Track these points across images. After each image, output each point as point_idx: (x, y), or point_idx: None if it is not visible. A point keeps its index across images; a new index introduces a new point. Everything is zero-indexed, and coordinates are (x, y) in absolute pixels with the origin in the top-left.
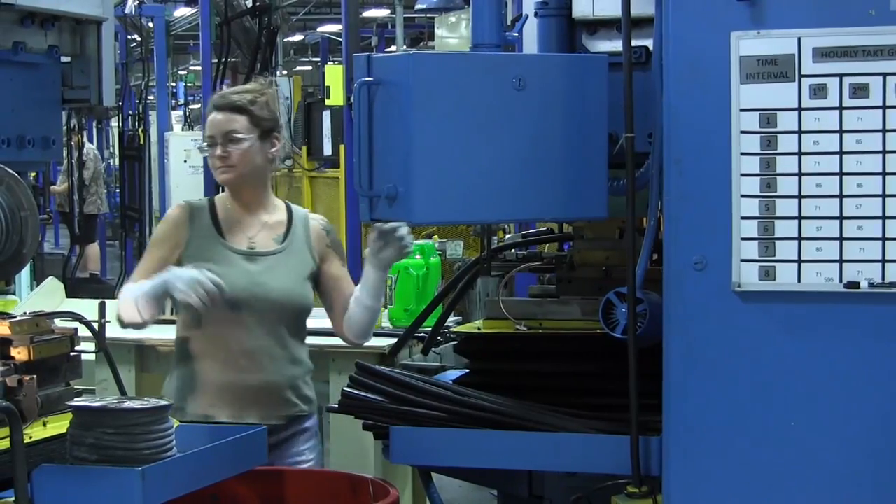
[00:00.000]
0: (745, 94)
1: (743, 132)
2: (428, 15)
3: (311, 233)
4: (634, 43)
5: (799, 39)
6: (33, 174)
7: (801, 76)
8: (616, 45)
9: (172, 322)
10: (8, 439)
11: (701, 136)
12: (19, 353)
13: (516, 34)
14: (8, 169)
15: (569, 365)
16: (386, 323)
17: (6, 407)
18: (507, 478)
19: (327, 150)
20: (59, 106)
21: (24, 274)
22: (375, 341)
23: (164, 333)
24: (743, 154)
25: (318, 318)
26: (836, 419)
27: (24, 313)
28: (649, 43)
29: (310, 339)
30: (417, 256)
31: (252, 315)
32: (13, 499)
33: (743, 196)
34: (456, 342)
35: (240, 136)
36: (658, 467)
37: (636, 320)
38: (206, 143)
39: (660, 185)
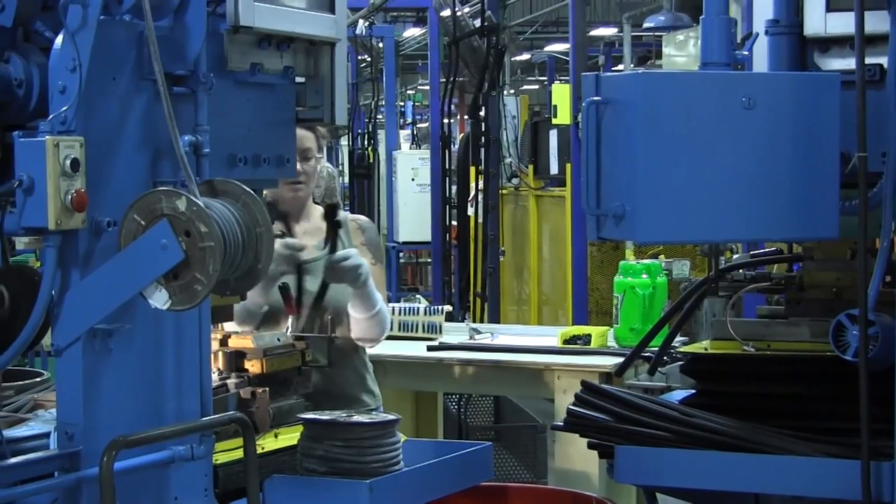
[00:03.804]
0: None
1: None
2: (656, 33)
3: (351, 232)
4: (868, 60)
5: None
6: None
7: None
8: (849, 63)
9: None
10: (241, 450)
11: None
12: (253, 366)
13: (746, 53)
14: (245, 187)
15: (797, 387)
16: (612, 342)
17: (240, 418)
18: (734, 500)
19: (554, 168)
20: (294, 125)
21: None
22: (600, 360)
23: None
24: None
25: (537, 336)
26: None
27: None
28: (883, 60)
29: (533, 357)
30: (644, 276)
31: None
32: None
33: None
34: (682, 362)
35: (311, 154)
36: (890, 493)
37: (868, 343)
38: None
39: (894, 205)
